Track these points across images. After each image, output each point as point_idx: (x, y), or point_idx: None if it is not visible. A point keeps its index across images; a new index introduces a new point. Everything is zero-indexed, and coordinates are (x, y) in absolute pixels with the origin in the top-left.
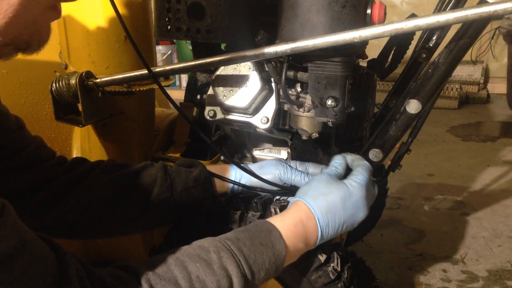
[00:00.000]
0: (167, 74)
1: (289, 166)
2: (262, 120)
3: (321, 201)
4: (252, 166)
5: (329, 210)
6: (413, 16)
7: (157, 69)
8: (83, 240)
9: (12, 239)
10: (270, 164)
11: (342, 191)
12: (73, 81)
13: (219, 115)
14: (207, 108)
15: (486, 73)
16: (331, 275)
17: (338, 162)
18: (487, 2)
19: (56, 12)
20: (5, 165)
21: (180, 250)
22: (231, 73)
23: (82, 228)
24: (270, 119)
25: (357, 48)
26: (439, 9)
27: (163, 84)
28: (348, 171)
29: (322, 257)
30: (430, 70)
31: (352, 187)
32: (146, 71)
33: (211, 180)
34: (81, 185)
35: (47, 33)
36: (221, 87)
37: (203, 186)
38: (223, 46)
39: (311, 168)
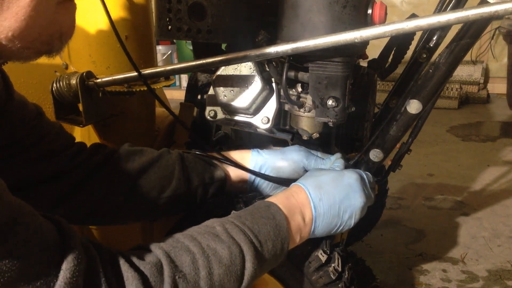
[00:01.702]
0: (168, 74)
1: (311, 152)
2: (262, 120)
3: (312, 180)
4: (274, 152)
5: (319, 186)
6: (413, 16)
7: (158, 69)
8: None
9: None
10: (292, 150)
11: (333, 172)
12: (73, 81)
13: (220, 115)
14: (208, 108)
15: (486, 73)
16: (332, 276)
17: (337, 164)
18: (488, 2)
19: (70, 3)
20: (25, 154)
21: (186, 230)
22: (231, 73)
23: (99, 217)
24: (270, 119)
25: (358, 48)
26: (440, 9)
27: (163, 84)
28: None
29: (323, 257)
30: (431, 70)
31: (345, 171)
32: (146, 71)
33: (227, 180)
34: (99, 174)
35: (70, 27)
36: (221, 87)
37: (218, 184)
38: (223, 46)
39: (333, 157)
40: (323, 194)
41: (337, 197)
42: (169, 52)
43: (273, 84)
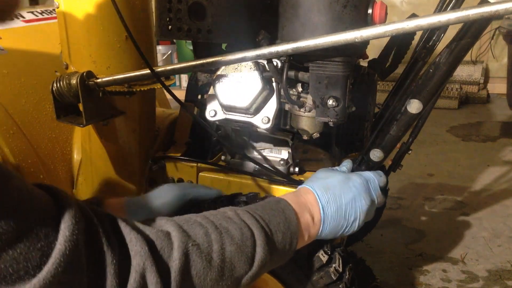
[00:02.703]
0: (168, 74)
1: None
2: (263, 120)
3: (319, 182)
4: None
5: (327, 188)
6: (414, 16)
7: (159, 69)
8: None
9: None
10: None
11: (340, 175)
12: (74, 81)
13: (220, 115)
14: (208, 108)
15: (486, 73)
16: (332, 276)
17: (344, 164)
18: (489, 2)
19: None
20: None
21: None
22: (232, 73)
23: None
24: (271, 119)
25: (358, 48)
26: (440, 9)
27: None
28: None
29: (324, 258)
30: (431, 70)
31: (351, 174)
32: (147, 71)
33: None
34: None
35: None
36: (222, 87)
37: None
38: (224, 46)
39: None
40: (330, 196)
41: (343, 200)
42: (169, 52)
43: (274, 84)
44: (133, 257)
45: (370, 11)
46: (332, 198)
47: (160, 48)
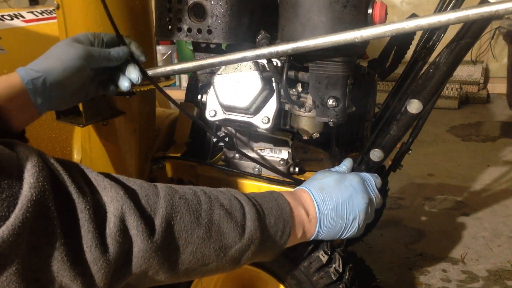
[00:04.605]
0: (168, 74)
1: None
2: (263, 120)
3: (314, 182)
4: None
5: (322, 188)
6: (414, 16)
7: (158, 70)
8: None
9: None
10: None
11: (336, 175)
12: None
13: (220, 115)
14: (208, 108)
15: (486, 73)
16: (332, 276)
17: (345, 163)
18: (489, 2)
19: None
20: None
21: None
22: (231, 73)
23: None
24: (271, 119)
25: (358, 48)
26: (440, 9)
27: (163, 84)
28: None
29: (324, 258)
30: (431, 70)
31: (348, 174)
32: (150, 71)
33: None
34: None
35: None
36: (221, 87)
37: None
38: (224, 45)
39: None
40: (326, 195)
41: (340, 198)
42: (169, 52)
43: (273, 84)
44: (109, 203)
45: (370, 11)
46: (328, 196)
47: (160, 48)
